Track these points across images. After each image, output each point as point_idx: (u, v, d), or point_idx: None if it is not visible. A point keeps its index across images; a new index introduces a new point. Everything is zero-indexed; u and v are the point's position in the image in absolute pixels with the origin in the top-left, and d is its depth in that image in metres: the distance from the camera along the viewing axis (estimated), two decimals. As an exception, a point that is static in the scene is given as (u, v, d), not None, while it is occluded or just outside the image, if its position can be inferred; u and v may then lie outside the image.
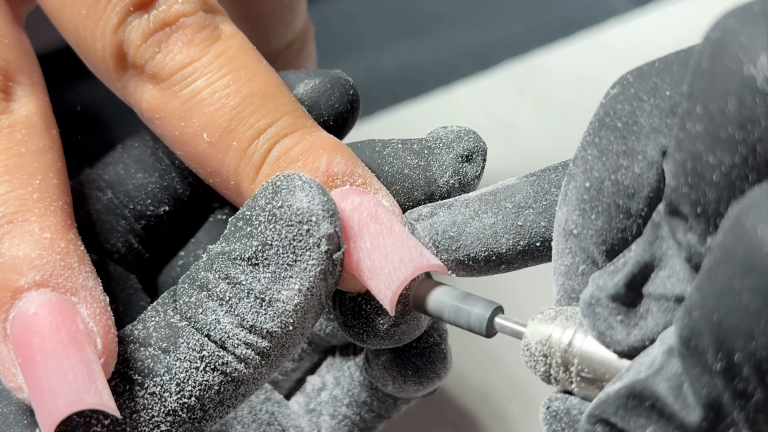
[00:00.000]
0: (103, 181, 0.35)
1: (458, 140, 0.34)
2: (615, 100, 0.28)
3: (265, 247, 0.30)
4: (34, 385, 0.27)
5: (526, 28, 0.73)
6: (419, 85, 0.70)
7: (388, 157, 0.34)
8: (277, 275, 0.30)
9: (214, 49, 0.32)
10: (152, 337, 0.30)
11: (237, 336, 0.30)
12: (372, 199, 0.32)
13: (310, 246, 0.30)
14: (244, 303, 0.30)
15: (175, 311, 0.30)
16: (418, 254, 0.31)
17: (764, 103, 0.22)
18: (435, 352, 0.36)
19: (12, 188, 0.30)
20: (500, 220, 0.32)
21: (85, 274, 0.30)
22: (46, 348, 0.27)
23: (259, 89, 0.32)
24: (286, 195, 0.30)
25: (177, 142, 0.33)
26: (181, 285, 0.31)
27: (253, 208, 0.30)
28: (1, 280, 0.29)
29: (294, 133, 0.32)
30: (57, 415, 0.26)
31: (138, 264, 0.36)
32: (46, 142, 0.32)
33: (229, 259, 0.30)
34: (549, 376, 0.28)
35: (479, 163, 0.34)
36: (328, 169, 0.32)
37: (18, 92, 0.32)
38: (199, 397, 0.30)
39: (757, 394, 0.22)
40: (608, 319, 0.27)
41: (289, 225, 0.30)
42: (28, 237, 0.29)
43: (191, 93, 0.32)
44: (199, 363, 0.29)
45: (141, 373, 0.29)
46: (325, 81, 0.35)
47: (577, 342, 0.28)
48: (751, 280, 0.21)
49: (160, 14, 0.32)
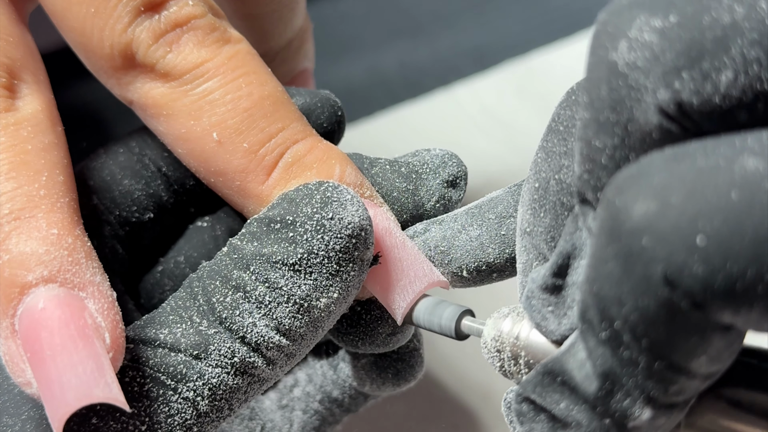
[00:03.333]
0: (88, 187, 0.35)
1: (443, 165, 0.36)
2: (560, 107, 0.30)
3: (311, 256, 0.30)
4: (44, 379, 0.27)
5: (526, 28, 0.73)
6: (419, 85, 0.70)
7: (377, 177, 0.35)
8: (318, 283, 0.30)
9: (225, 51, 0.33)
10: (181, 343, 0.30)
11: (272, 339, 0.30)
12: (384, 213, 0.33)
13: (354, 259, 0.31)
14: (283, 308, 0.30)
15: (201, 315, 0.30)
16: (429, 270, 0.32)
17: (626, 85, 0.23)
18: (414, 357, 0.38)
19: (19, 185, 0.30)
20: (485, 231, 0.33)
21: (92, 269, 0.30)
22: (55, 343, 0.27)
23: (270, 94, 0.33)
24: (337, 208, 0.30)
25: (181, 140, 0.33)
26: (210, 281, 0.31)
27: (296, 214, 0.31)
28: (9, 275, 0.29)
29: (304, 139, 0.33)
30: (67, 409, 0.26)
31: (120, 269, 0.36)
32: (52, 139, 0.32)
33: (268, 263, 0.30)
34: (504, 370, 0.30)
35: (462, 188, 0.36)
36: (341, 179, 0.33)
37: (23, 90, 0.32)
38: (228, 399, 0.30)
39: (641, 360, 0.23)
40: (542, 310, 0.28)
41: (338, 237, 0.30)
42: (35, 233, 0.29)
43: (203, 92, 0.32)
44: (230, 369, 0.30)
45: (174, 378, 0.30)
46: (315, 100, 0.36)
47: (523, 335, 0.29)
48: (614, 248, 0.22)
49: (171, 15, 0.32)
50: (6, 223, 0.29)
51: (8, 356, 0.29)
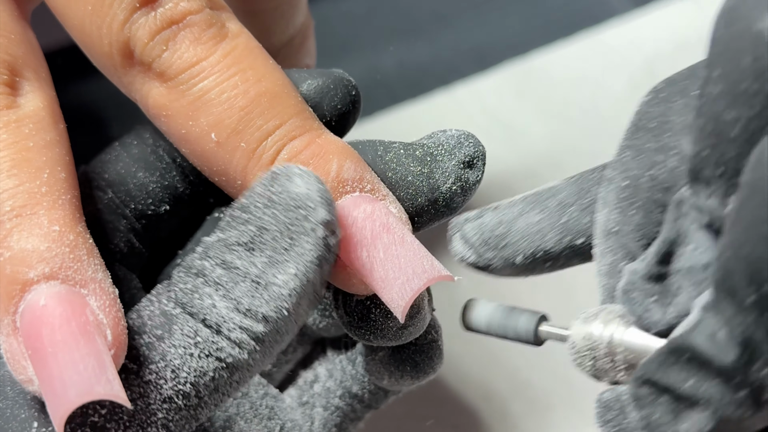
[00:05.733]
0: (103, 181, 0.35)
1: (459, 146, 0.35)
2: (648, 105, 0.30)
3: (262, 231, 0.30)
4: (45, 376, 0.27)
5: (526, 28, 0.73)
6: (419, 85, 0.70)
7: (390, 164, 0.35)
8: (273, 259, 0.30)
9: (222, 48, 0.32)
10: (147, 325, 0.30)
11: (233, 320, 0.30)
12: (383, 208, 0.32)
13: (306, 231, 0.30)
14: (240, 287, 0.30)
15: (169, 299, 0.31)
16: (430, 265, 0.31)
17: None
18: (433, 348, 0.37)
19: (20, 182, 0.30)
20: (545, 217, 0.34)
21: (94, 266, 0.30)
22: (57, 339, 0.27)
23: (267, 90, 0.33)
24: (284, 181, 0.30)
25: (183, 141, 0.33)
26: (177, 274, 0.31)
27: (250, 197, 0.31)
28: (10, 272, 0.29)
29: (302, 135, 0.33)
30: (68, 406, 0.26)
31: (138, 264, 0.36)
32: (54, 136, 0.32)
33: (225, 246, 0.30)
34: (596, 370, 0.30)
35: (480, 168, 0.35)
36: (338, 174, 0.32)
37: (25, 87, 0.32)
38: (194, 384, 0.30)
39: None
40: (644, 302, 0.29)
41: (286, 209, 0.30)
42: (37, 230, 0.29)
43: (199, 92, 0.32)
44: (194, 349, 0.30)
45: (136, 361, 0.29)
46: (328, 81, 0.36)
47: (619, 333, 0.30)
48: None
49: (166, 12, 0.32)
50: (7, 220, 0.29)
51: (9, 353, 0.29)
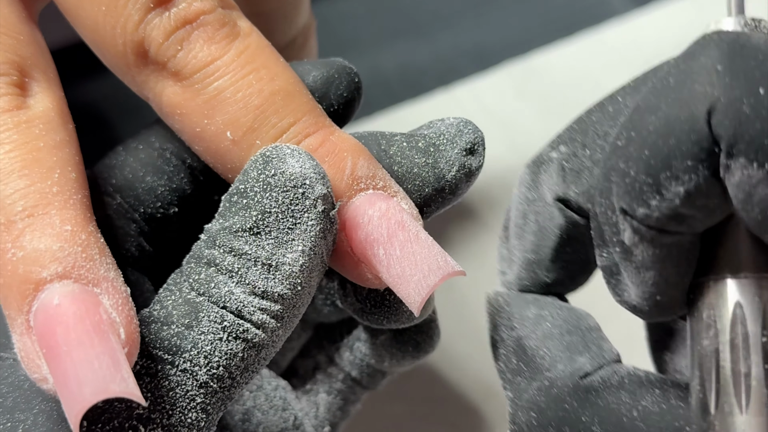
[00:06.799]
0: (111, 186, 0.35)
1: (460, 134, 0.36)
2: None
3: (265, 215, 0.31)
4: (60, 375, 0.27)
5: (526, 28, 0.73)
6: (419, 85, 0.70)
7: (395, 157, 0.35)
8: (279, 240, 0.31)
9: (235, 46, 0.33)
10: (173, 315, 0.31)
11: (252, 303, 0.31)
12: (396, 205, 0.33)
13: (307, 208, 0.31)
14: (253, 271, 0.31)
15: (190, 288, 0.31)
16: (444, 262, 0.32)
17: None
18: (431, 327, 0.39)
19: (32, 182, 0.30)
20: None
21: (106, 265, 0.30)
22: (71, 338, 0.28)
23: (281, 88, 0.33)
24: (277, 163, 0.31)
25: (197, 139, 0.33)
26: (187, 265, 0.32)
27: (245, 182, 0.32)
28: (23, 272, 0.29)
29: (316, 132, 0.33)
30: (84, 404, 0.26)
31: (149, 266, 0.36)
32: (63, 136, 0.32)
33: (230, 233, 0.31)
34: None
35: (481, 154, 0.36)
36: (353, 172, 0.33)
37: (34, 88, 0.33)
38: (226, 366, 0.30)
39: None
40: None
41: (284, 191, 0.31)
42: (49, 230, 0.30)
43: (215, 91, 0.33)
44: (222, 334, 0.30)
45: (170, 351, 0.30)
46: (332, 71, 0.36)
47: None
48: None
49: (180, 12, 0.32)
50: (20, 221, 0.30)
51: (24, 352, 0.29)
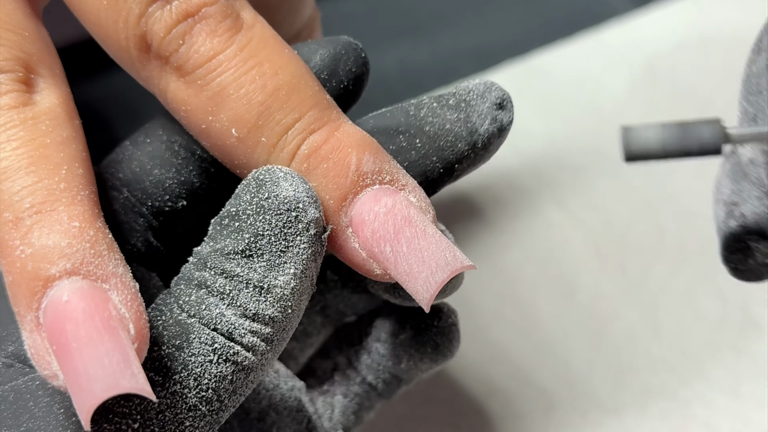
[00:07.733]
0: (117, 180, 0.35)
1: (488, 91, 0.36)
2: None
3: (257, 238, 0.31)
4: (70, 371, 0.27)
5: (526, 28, 0.73)
6: (419, 84, 0.70)
7: (427, 118, 0.35)
8: (272, 263, 0.31)
9: (238, 40, 0.33)
10: (163, 336, 0.30)
11: (242, 326, 0.31)
12: (403, 200, 0.33)
13: (299, 231, 0.31)
14: (244, 293, 0.31)
15: (180, 310, 0.31)
16: (452, 257, 0.32)
17: None
18: (452, 331, 0.39)
19: (39, 179, 0.30)
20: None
21: (114, 261, 0.30)
22: (81, 335, 0.28)
23: (285, 83, 0.33)
24: (271, 186, 0.31)
25: (204, 135, 0.33)
26: (176, 287, 0.32)
27: (237, 205, 0.32)
28: (32, 269, 0.29)
29: (321, 128, 0.33)
30: (94, 400, 0.26)
31: (157, 262, 0.36)
32: (70, 132, 0.32)
33: (222, 255, 0.31)
34: None
35: (510, 109, 0.36)
36: (358, 168, 0.33)
37: (40, 84, 0.33)
38: (215, 389, 0.30)
39: None
40: None
41: (278, 213, 0.31)
42: (57, 226, 0.29)
43: (218, 87, 0.32)
44: (213, 356, 0.30)
45: (160, 372, 0.30)
46: (339, 47, 0.36)
47: None
48: None
49: (181, 4, 0.32)
50: (28, 217, 0.30)
51: (33, 349, 0.29)
